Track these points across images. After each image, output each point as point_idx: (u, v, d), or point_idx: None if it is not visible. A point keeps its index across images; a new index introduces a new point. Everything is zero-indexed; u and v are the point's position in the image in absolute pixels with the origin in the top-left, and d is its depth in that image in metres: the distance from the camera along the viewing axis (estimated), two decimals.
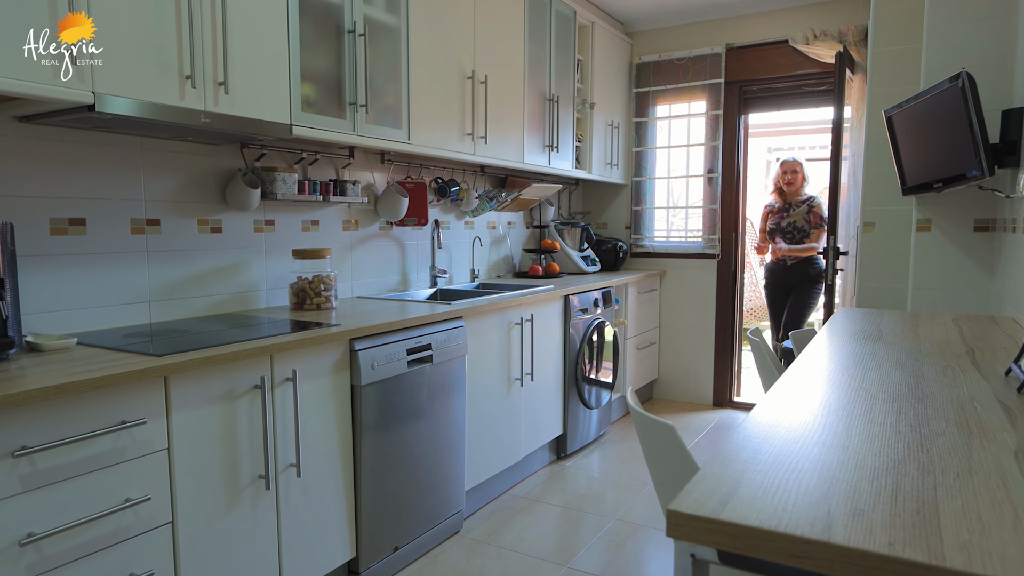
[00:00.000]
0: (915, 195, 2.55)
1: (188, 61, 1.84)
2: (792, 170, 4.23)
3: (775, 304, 4.39)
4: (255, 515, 1.85)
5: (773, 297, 4.39)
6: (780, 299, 4.35)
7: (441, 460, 2.54)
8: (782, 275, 4.30)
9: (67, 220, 1.97)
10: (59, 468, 1.41)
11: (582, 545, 2.59)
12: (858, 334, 1.75)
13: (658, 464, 0.97)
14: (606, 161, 4.36)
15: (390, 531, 2.32)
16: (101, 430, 1.47)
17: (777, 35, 4.10)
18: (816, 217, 4.16)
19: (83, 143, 1.99)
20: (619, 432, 3.98)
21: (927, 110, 2.32)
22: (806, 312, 4.28)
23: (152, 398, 1.58)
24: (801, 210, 4.20)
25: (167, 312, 2.24)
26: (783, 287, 4.30)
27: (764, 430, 0.92)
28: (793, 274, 4.26)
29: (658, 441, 0.93)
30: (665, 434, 0.90)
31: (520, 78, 3.40)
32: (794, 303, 4.26)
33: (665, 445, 0.90)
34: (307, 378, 1.98)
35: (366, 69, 2.44)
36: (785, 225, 4.24)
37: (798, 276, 4.24)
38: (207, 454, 1.71)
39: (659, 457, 0.95)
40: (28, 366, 1.54)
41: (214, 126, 1.93)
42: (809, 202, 4.21)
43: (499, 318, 2.89)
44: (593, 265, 4.31)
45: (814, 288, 4.20)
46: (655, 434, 0.94)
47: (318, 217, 2.78)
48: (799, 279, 4.23)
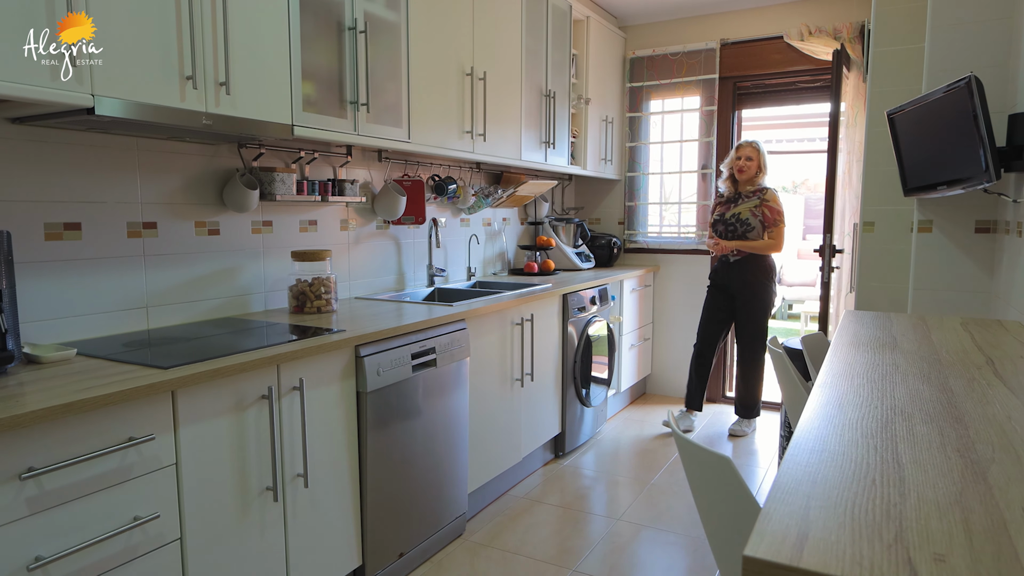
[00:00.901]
0: (917, 196, 2.56)
1: (189, 61, 1.77)
2: (747, 156, 3.71)
3: (710, 307, 3.88)
4: (263, 528, 1.81)
5: (708, 298, 3.91)
6: (717, 301, 3.85)
7: (444, 464, 2.52)
8: (724, 273, 3.81)
9: (62, 225, 1.90)
10: (66, 488, 1.36)
11: (586, 547, 2.58)
12: (873, 342, 1.75)
13: (710, 499, 0.94)
14: (600, 156, 4.33)
15: (395, 537, 2.29)
16: (109, 448, 1.42)
17: (772, 31, 4.09)
18: (772, 213, 3.66)
19: (78, 144, 1.92)
20: (614, 429, 3.98)
21: (932, 112, 2.32)
22: (759, 316, 3.76)
23: (160, 413, 1.53)
24: (750, 202, 3.70)
25: (165, 318, 2.18)
26: (724, 288, 3.82)
27: (814, 457, 0.90)
28: (738, 272, 3.74)
29: (711, 474, 0.91)
30: (720, 467, 0.88)
31: (518, 74, 3.36)
32: (744, 307, 3.76)
33: (720, 479, 0.87)
34: (314, 386, 1.94)
35: (367, 67, 2.38)
36: (729, 217, 3.74)
37: (744, 275, 3.73)
38: (215, 468, 1.67)
39: (712, 491, 0.92)
40: (28, 381, 1.48)
41: (215, 128, 1.88)
42: (761, 195, 3.70)
43: (500, 319, 2.86)
44: (587, 261, 4.29)
45: (759, 289, 3.73)
46: (708, 466, 0.91)
47: (316, 217, 2.73)
48: (742, 280, 3.74)
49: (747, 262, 3.74)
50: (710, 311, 3.91)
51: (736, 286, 3.78)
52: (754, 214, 3.68)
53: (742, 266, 3.75)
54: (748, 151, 3.72)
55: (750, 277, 3.75)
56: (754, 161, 3.71)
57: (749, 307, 3.77)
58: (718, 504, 0.91)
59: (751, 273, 3.75)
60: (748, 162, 3.71)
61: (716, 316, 3.88)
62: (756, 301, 3.76)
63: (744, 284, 3.75)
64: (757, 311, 3.76)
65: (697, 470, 0.95)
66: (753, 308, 3.76)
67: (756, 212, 3.67)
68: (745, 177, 3.72)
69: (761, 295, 3.75)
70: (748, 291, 3.75)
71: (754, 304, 3.76)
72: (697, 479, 0.96)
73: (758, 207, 3.68)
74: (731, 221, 3.73)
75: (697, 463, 0.93)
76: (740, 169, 3.72)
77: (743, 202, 3.73)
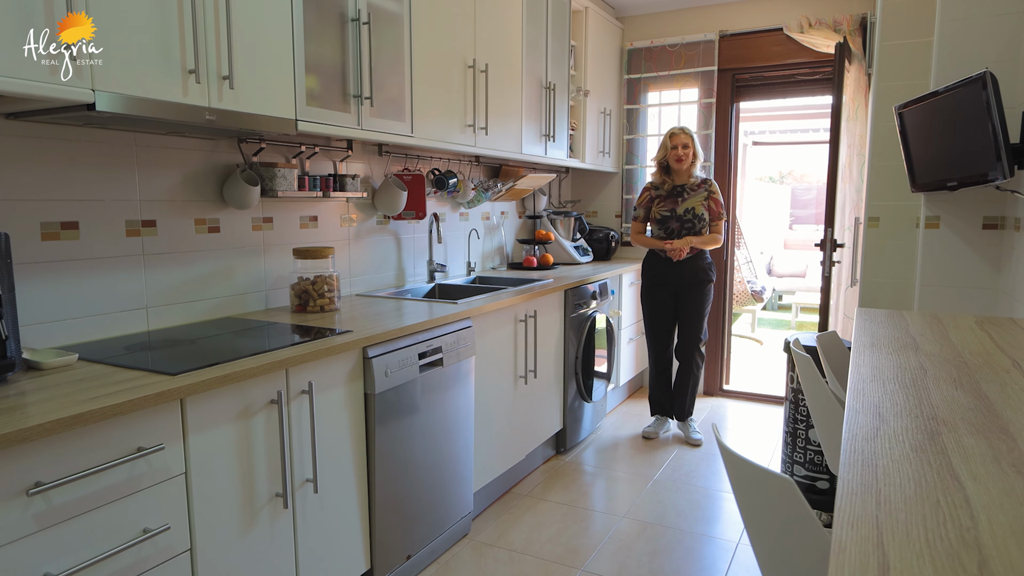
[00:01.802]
0: (924, 192, 2.55)
1: (192, 54, 1.71)
2: (683, 144, 3.43)
3: (660, 309, 3.63)
4: (273, 535, 1.76)
5: (655, 300, 3.62)
6: (665, 303, 3.60)
7: (450, 463, 2.48)
8: (669, 272, 3.54)
9: (59, 224, 1.83)
10: (75, 503, 1.31)
11: (593, 546, 2.56)
12: (893, 342, 1.73)
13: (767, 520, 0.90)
14: (599, 149, 4.29)
15: (403, 539, 2.26)
16: (118, 460, 1.37)
17: (771, 23, 4.06)
18: (716, 206, 3.50)
19: (75, 140, 1.85)
20: (614, 424, 3.96)
21: (944, 108, 2.30)
22: (704, 316, 3.63)
23: (168, 421, 1.48)
24: (699, 195, 3.49)
25: (165, 318, 2.12)
26: (670, 287, 3.57)
27: (869, 473, 0.88)
28: (686, 271, 3.52)
29: (770, 496, 0.87)
30: (781, 489, 0.85)
31: (518, 66, 3.30)
32: (690, 306, 3.56)
33: (780, 502, 0.84)
34: (322, 389, 1.89)
35: (370, 60, 2.32)
36: (683, 212, 3.47)
37: (690, 274, 3.52)
38: (225, 476, 1.62)
39: (769, 514, 0.88)
40: (30, 390, 1.43)
41: (219, 124, 1.81)
42: (707, 187, 3.51)
43: (505, 316, 2.82)
44: (586, 255, 4.26)
45: (707, 287, 3.57)
46: (766, 487, 0.88)
47: (316, 213, 2.67)
48: (692, 278, 3.53)
49: (697, 259, 3.54)
50: (658, 315, 3.65)
51: (684, 284, 3.54)
52: (704, 207, 3.48)
53: (692, 263, 3.53)
54: (684, 139, 3.44)
55: (701, 275, 3.55)
56: (690, 149, 3.45)
57: (694, 307, 3.57)
58: (776, 527, 0.87)
59: (702, 271, 3.55)
60: (686, 150, 3.44)
61: (665, 319, 3.65)
62: (703, 300, 3.58)
63: (694, 283, 3.54)
64: (701, 310, 3.59)
65: (752, 490, 0.91)
66: (699, 308, 3.57)
67: (705, 205, 3.48)
68: (684, 166, 3.46)
69: (707, 294, 3.59)
70: (697, 290, 3.55)
71: (700, 303, 3.57)
72: (752, 499, 0.93)
73: (706, 200, 3.49)
74: (686, 217, 3.47)
75: (753, 483, 0.90)
76: (679, 159, 3.44)
77: (691, 195, 3.49)
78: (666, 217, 3.51)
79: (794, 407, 2.90)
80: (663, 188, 3.55)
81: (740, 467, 0.91)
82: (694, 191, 3.50)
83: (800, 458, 2.88)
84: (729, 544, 2.59)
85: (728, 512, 2.86)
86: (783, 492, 0.84)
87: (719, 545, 2.59)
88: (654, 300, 3.65)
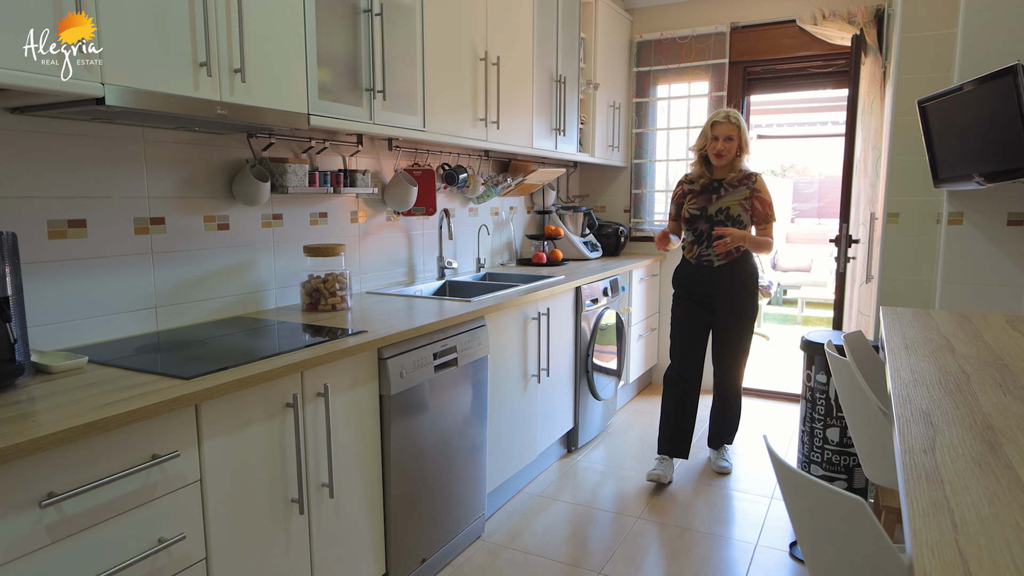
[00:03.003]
0: (947, 187, 2.49)
1: (203, 46, 1.65)
2: (726, 135, 2.87)
3: (691, 324, 3.06)
4: (288, 541, 1.72)
5: (688, 314, 3.06)
6: (699, 317, 3.05)
7: (465, 465, 2.44)
8: (706, 281, 2.99)
9: (66, 222, 1.78)
10: (89, 513, 1.26)
11: (608, 548, 2.52)
12: (926, 343, 1.68)
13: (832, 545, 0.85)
14: (608, 143, 4.23)
15: (418, 543, 2.21)
16: (132, 468, 1.32)
17: (784, 14, 4.00)
18: (763, 206, 2.90)
19: (81, 136, 1.79)
20: (624, 422, 3.92)
21: (970, 102, 2.25)
22: (747, 334, 3.05)
23: (183, 427, 1.43)
24: (737, 193, 2.91)
25: (175, 318, 2.07)
26: (704, 299, 3.02)
27: (937, 490, 0.83)
28: (722, 280, 2.96)
29: (837, 517, 0.82)
30: (851, 510, 0.80)
31: (529, 59, 3.24)
32: (729, 321, 3.00)
33: (850, 524, 0.79)
34: (337, 391, 1.84)
35: (383, 52, 2.26)
36: (714, 212, 2.93)
37: (730, 283, 2.96)
38: (240, 482, 1.57)
39: (835, 537, 0.83)
40: (40, 396, 1.37)
41: (231, 119, 1.76)
42: (750, 183, 2.92)
43: (517, 314, 2.77)
44: (595, 251, 4.20)
45: (750, 298, 3.00)
46: (834, 508, 0.83)
47: (326, 209, 2.61)
48: (732, 288, 2.97)
49: (734, 266, 2.95)
50: (689, 329, 3.06)
51: (720, 296, 2.99)
52: (744, 207, 2.91)
53: (728, 272, 2.96)
54: (728, 129, 2.87)
55: (738, 286, 2.96)
56: (734, 141, 2.87)
57: (734, 322, 3.00)
58: (844, 550, 0.83)
59: (739, 280, 2.96)
60: (728, 143, 2.87)
61: (697, 335, 3.07)
62: (743, 315, 3.00)
63: (731, 294, 2.97)
64: (744, 326, 3.02)
65: (816, 511, 0.86)
66: (740, 323, 3.01)
67: (746, 205, 2.91)
68: (725, 161, 2.91)
69: (749, 308, 3.01)
70: (735, 302, 2.98)
71: (741, 319, 3.00)
72: (815, 520, 0.87)
73: (748, 199, 2.92)
74: (718, 217, 2.92)
75: (818, 503, 0.85)
76: (719, 153, 2.89)
77: (728, 192, 2.92)
78: (695, 216, 2.98)
79: (811, 405, 2.85)
80: (698, 182, 3.02)
81: (802, 485, 0.86)
82: (733, 188, 2.92)
83: (817, 457, 2.84)
84: (747, 546, 2.55)
85: (745, 512, 2.82)
86: (853, 513, 0.80)
87: (738, 547, 2.55)
88: (680, 312, 3.10)
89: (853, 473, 2.77)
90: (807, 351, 2.87)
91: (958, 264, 2.55)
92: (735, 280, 2.97)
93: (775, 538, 2.61)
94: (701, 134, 2.98)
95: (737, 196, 2.92)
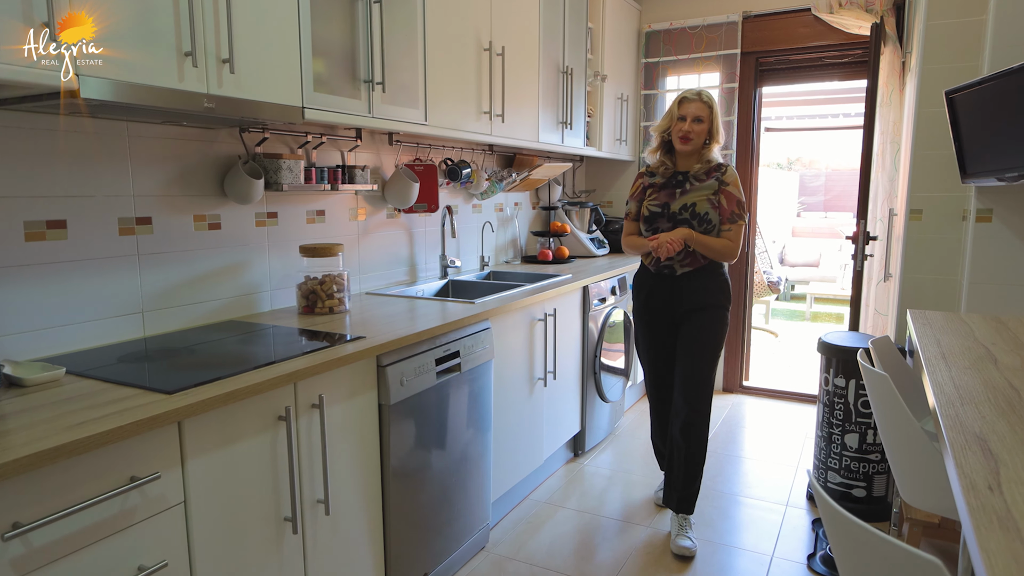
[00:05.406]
0: (976, 183, 2.37)
1: (188, 34, 1.54)
2: (696, 116, 2.40)
3: (653, 343, 2.61)
4: (282, 563, 1.61)
5: (649, 332, 2.61)
6: (659, 335, 2.58)
7: (468, 474, 2.33)
8: (667, 293, 2.52)
9: (44, 223, 1.67)
10: (60, 543, 1.15)
11: (619, 559, 2.42)
12: (965, 352, 1.57)
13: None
14: (615, 137, 4.11)
15: (419, 557, 2.11)
16: (108, 493, 1.21)
17: (798, 3, 3.86)
18: (728, 202, 2.42)
19: (61, 131, 1.68)
20: (631, 424, 3.81)
21: (1003, 93, 2.12)
22: (712, 356, 2.48)
23: (165, 446, 1.32)
24: (706, 187, 2.44)
25: (163, 323, 1.96)
26: (664, 314, 2.54)
27: (1008, 538, 0.72)
28: (686, 292, 2.48)
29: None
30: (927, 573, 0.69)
31: (535, 49, 3.12)
32: (690, 340, 2.48)
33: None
34: (333, 402, 1.74)
35: (382, 42, 2.15)
36: (677, 209, 2.45)
37: (697, 293, 2.47)
38: (228, 503, 1.47)
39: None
40: (11, 412, 1.27)
41: (218, 112, 1.64)
42: (720, 174, 2.45)
43: (523, 315, 2.66)
44: (602, 248, 4.09)
45: (718, 314, 2.48)
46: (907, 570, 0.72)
47: (323, 207, 2.50)
48: (699, 299, 2.47)
49: (702, 275, 2.47)
50: (654, 347, 2.61)
51: (684, 308, 2.50)
52: (712, 204, 2.43)
53: (693, 282, 2.47)
54: (698, 108, 2.40)
55: (707, 297, 2.47)
56: (704, 124, 2.41)
57: (699, 341, 2.47)
58: None
59: (707, 291, 2.47)
60: (697, 125, 2.41)
61: (663, 351, 2.60)
62: (711, 333, 2.48)
63: (697, 307, 2.48)
64: (709, 347, 2.48)
65: (880, 572, 0.75)
66: (703, 344, 2.47)
67: (714, 201, 2.43)
68: (691, 148, 2.43)
69: (717, 323, 2.48)
70: (702, 317, 2.47)
71: (706, 338, 2.47)
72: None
73: (715, 194, 2.44)
74: (682, 215, 2.45)
75: (885, 563, 0.74)
76: (685, 136, 2.41)
77: (694, 186, 2.45)
78: (655, 214, 2.49)
79: (828, 410, 2.74)
80: (660, 174, 2.55)
81: (867, 543, 0.75)
82: (700, 181, 2.46)
83: (835, 464, 2.73)
84: (763, 557, 2.45)
85: (759, 521, 2.71)
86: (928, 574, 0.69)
87: (753, 558, 2.44)
88: (643, 328, 2.64)
89: (872, 480, 2.66)
90: (824, 353, 2.76)
91: (986, 263, 2.42)
92: (702, 293, 2.47)
93: (792, 549, 2.50)
94: (666, 113, 2.50)
95: (704, 191, 2.44)
